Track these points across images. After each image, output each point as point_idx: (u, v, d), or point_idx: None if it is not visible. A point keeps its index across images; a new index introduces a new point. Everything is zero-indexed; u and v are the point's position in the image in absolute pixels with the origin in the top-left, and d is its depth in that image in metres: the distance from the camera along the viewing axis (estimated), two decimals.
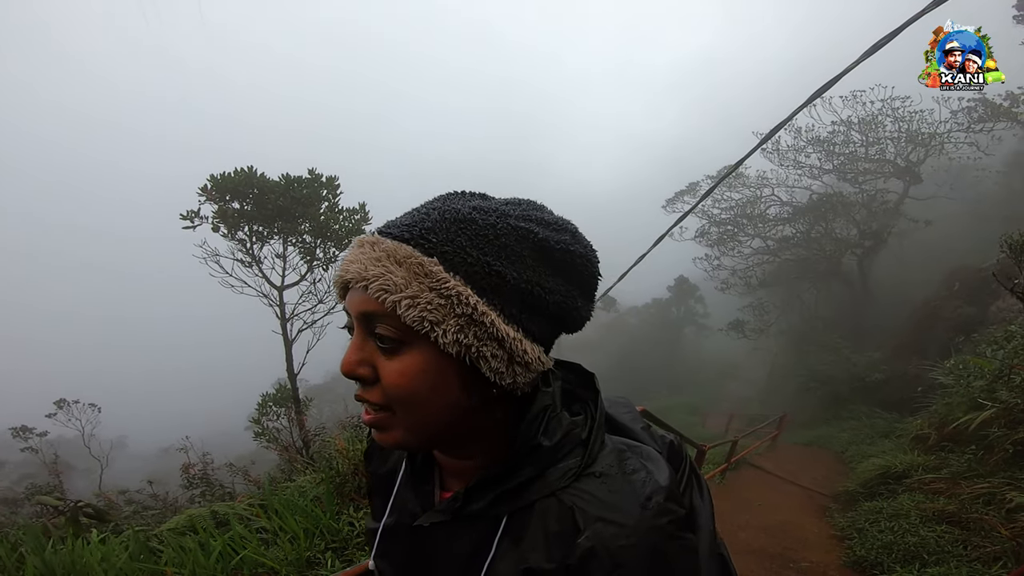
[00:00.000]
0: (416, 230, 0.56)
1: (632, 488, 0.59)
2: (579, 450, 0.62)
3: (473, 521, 0.63)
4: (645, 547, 0.55)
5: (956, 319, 12.91)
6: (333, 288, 0.64)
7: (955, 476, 5.52)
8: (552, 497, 0.59)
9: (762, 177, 28.76)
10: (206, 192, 8.84)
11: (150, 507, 6.99)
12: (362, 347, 0.57)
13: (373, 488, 0.82)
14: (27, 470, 21.51)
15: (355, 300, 0.57)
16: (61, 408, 15.73)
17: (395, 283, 0.53)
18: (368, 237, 0.58)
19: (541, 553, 0.57)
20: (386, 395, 0.57)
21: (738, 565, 2.88)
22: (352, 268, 0.56)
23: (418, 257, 0.54)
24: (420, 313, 0.53)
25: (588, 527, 0.55)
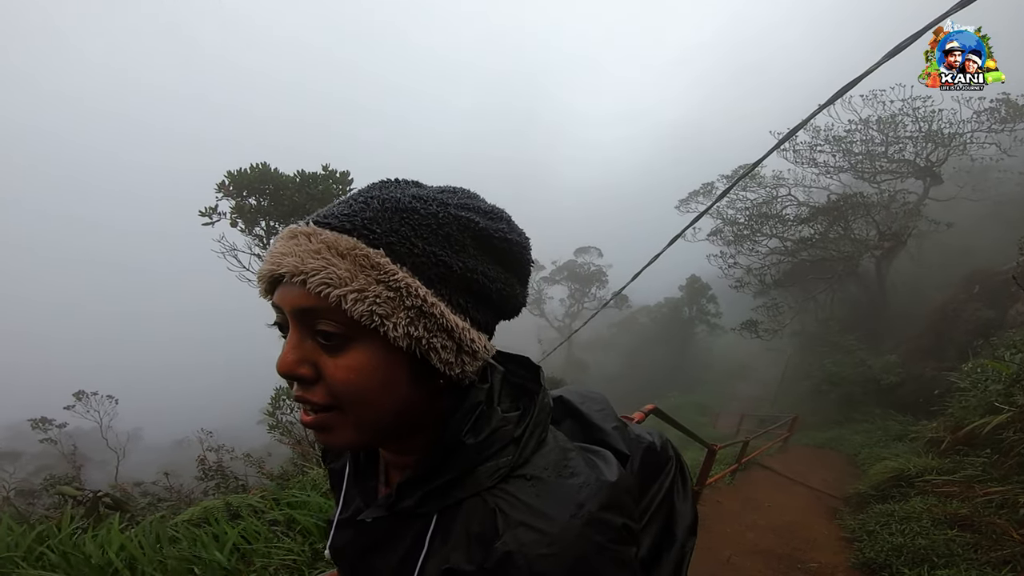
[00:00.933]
0: (357, 220, 0.54)
1: (564, 493, 0.57)
2: (511, 448, 0.60)
3: (410, 519, 0.61)
4: (568, 557, 0.52)
5: (975, 322, 12.72)
6: (257, 283, 0.58)
7: (969, 480, 5.46)
8: (478, 497, 0.58)
9: (778, 177, 28.48)
10: (223, 188, 8.97)
11: (165, 499, 7.10)
12: (300, 345, 0.54)
13: (331, 483, 0.81)
14: (44, 461, 21.89)
15: (290, 295, 0.53)
16: (80, 400, 16.00)
17: (339, 276, 0.51)
18: (302, 228, 0.54)
19: (462, 553, 0.55)
20: (332, 394, 0.54)
21: (745, 565, 2.93)
22: (286, 261, 0.52)
23: (363, 248, 0.52)
24: (368, 307, 0.51)
25: (507, 531, 0.53)
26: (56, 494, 6.63)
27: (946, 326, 14.18)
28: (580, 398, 0.81)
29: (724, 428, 19.49)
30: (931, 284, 22.14)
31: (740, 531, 5.34)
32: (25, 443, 25.67)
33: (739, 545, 4.86)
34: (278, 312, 0.57)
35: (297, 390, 0.56)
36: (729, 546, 4.79)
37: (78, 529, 3.28)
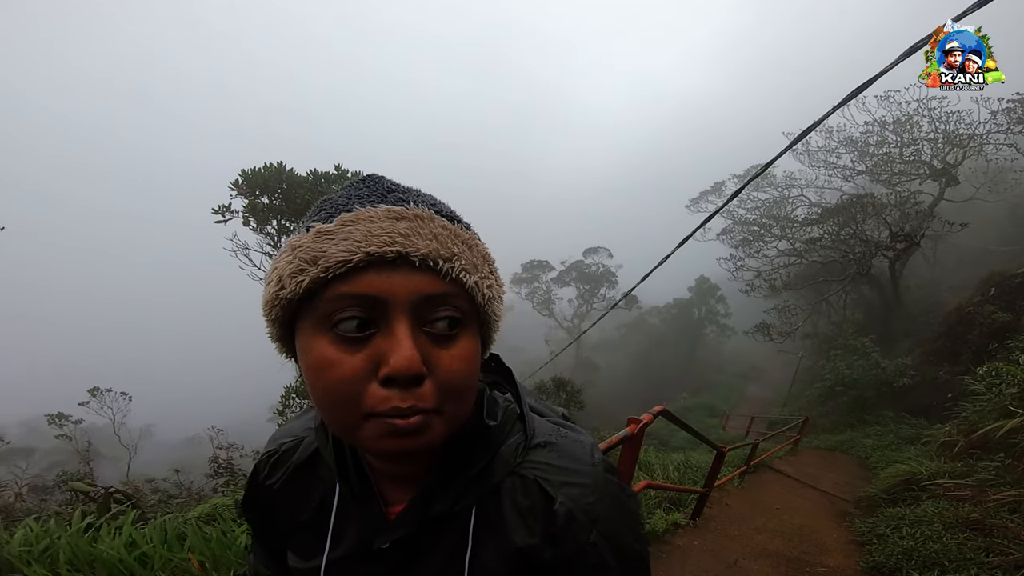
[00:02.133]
0: (453, 213, 0.55)
1: (575, 450, 0.63)
2: (519, 425, 0.64)
3: (439, 525, 0.60)
4: (608, 499, 0.59)
5: (990, 325, 12.54)
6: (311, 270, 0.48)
7: (981, 484, 5.39)
8: (513, 475, 0.60)
9: (790, 178, 28.29)
10: (237, 187, 9.06)
11: (175, 495, 7.17)
12: (417, 340, 0.49)
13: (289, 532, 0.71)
14: (56, 458, 22.20)
15: (410, 281, 0.49)
16: (95, 396, 16.19)
17: (473, 263, 0.52)
18: (413, 210, 0.51)
19: (523, 531, 0.58)
20: (443, 389, 0.51)
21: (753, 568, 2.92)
22: (421, 243, 0.49)
23: (478, 240, 0.55)
24: (493, 292, 0.54)
25: (558, 493, 0.58)
26: (68, 490, 6.71)
27: (961, 329, 13.99)
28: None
29: (734, 430, 19.38)
30: (946, 286, 21.89)
31: (748, 534, 5.30)
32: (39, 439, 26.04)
33: (747, 548, 4.83)
34: (361, 303, 0.49)
35: (406, 398, 0.49)
36: (737, 548, 4.76)
37: (90, 526, 3.31)
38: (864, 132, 24.28)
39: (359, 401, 0.49)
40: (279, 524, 0.71)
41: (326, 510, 0.66)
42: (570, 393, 13.74)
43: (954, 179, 22.79)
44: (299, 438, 0.72)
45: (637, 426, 2.89)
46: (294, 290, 0.49)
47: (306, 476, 0.70)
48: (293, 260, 0.49)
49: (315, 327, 0.50)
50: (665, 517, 4.93)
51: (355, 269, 0.48)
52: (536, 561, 0.57)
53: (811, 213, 25.89)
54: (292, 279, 0.49)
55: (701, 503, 5.45)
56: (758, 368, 33.75)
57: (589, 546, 0.56)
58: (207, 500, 5.19)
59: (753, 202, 29.08)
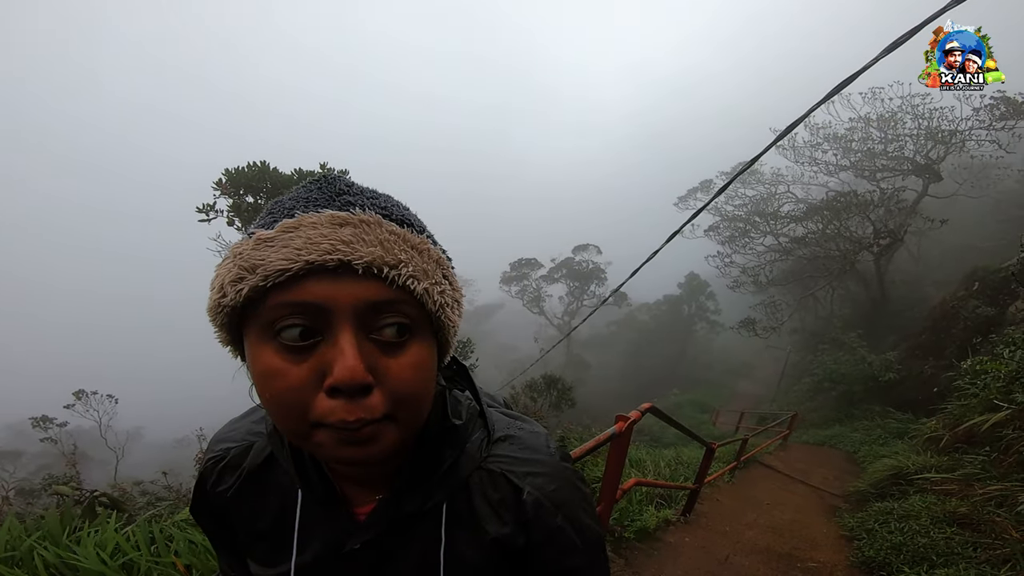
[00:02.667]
0: (407, 217, 0.54)
1: (533, 441, 0.67)
2: (480, 421, 0.68)
3: (408, 524, 0.61)
4: (567, 484, 0.64)
5: (974, 319, 12.71)
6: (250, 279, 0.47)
7: (968, 478, 5.45)
8: (480, 469, 0.64)
9: (777, 174, 28.51)
10: (221, 186, 8.95)
11: (164, 498, 7.09)
12: (363, 348, 0.47)
13: (248, 540, 0.69)
14: (44, 461, 21.90)
15: (354, 288, 0.47)
16: (80, 399, 15.99)
17: (423, 269, 0.50)
18: (358, 215, 0.49)
19: (495, 522, 0.62)
20: (394, 398, 0.49)
21: (744, 564, 2.92)
22: (364, 250, 0.47)
23: (429, 244, 0.53)
24: (444, 299, 0.53)
25: (524, 484, 0.62)
26: (53, 494, 6.62)
27: (946, 323, 14.18)
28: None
29: (724, 426, 19.50)
30: (931, 281, 22.19)
31: (739, 529, 5.33)
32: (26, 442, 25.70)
33: (738, 543, 4.85)
34: (304, 312, 0.47)
35: (353, 410, 0.47)
36: (728, 544, 4.78)
37: (73, 529, 3.26)
38: (849, 128, 24.52)
39: (307, 410, 0.48)
40: (236, 532, 0.70)
41: (288, 516, 0.65)
42: (561, 391, 13.74)
43: (937, 175, 23.06)
44: (247, 443, 0.70)
45: (625, 423, 2.90)
46: (234, 298, 0.48)
47: (261, 482, 0.67)
48: (233, 268, 0.48)
49: (260, 335, 0.49)
50: (656, 514, 4.94)
51: (296, 277, 0.46)
52: (510, 549, 0.61)
53: (797, 209, 26.13)
54: (232, 287, 0.48)
55: (692, 499, 5.47)
56: (748, 364, 34.01)
57: (557, 530, 0.61)
58: None
59: (741, 199, 29.28)
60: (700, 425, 18.90)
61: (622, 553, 4.20)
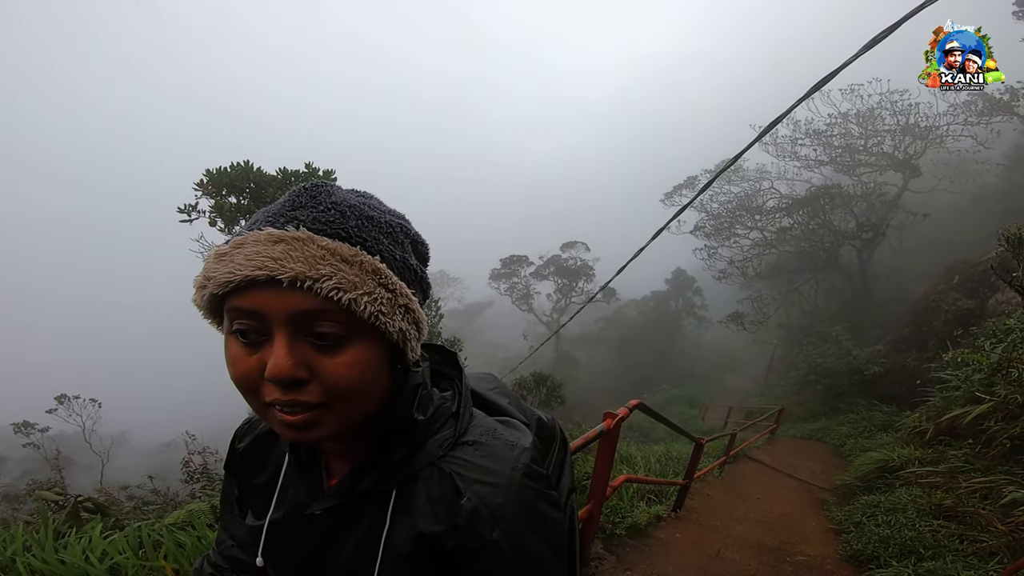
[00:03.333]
0: (347, 228, 0.58)
1: (502, 453, 0.68)
2: (451, 422, 0.70)
3: (364, 500, 0.67)
4: (519, 502, 0.64)
5: (955, 312, 12.91)
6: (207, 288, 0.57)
7: (952, 470, 5.54)
8: (432, 466, 0.66)
9: (761, 170, 28.76)
10: (202, 186, 8.82)
11: (151, 502, 7.01)
12: (295, 348, 0.55)
13: (246, 494, 0.81)
14: (29, 466, 21.56)
15: (286, 299, 0.54)
16: (62, 404, 15.74)
17: (350, 281, 0.55)
18: (292, 232, 0.55)
19: (429, 518, 0.64)
20: (329, 391, 0.57)
21: (735, 559, 2.93)
22: (290, 266, 0.53)
23: (364, 256, 0.57)
24: (377, 307, 0.56)
25: (468, 489, 0.64)
26: (38, 499, 6.52)
27: (927, 316, 14.39)
28: (474, 379, 0.88)
29: (713, 420, 19.65)
30: (912, 275, 22.48)
31: (730, 524, 5.37)
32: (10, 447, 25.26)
33: (729, 538, 4.89)
34: (248, 317, 0.56)
35: (286, 393, 0.56)
36: (719, 539, 4.82)
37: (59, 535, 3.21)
38: (828, 124, 24.82)
39: (259, 393, 0.58)
40: (241, 485, 0.82)
41: (278, 474, 0.76)
42: (550, 388, 13.74)
43: (916, 170, 23.42)
44: None
45: (613, 420, 2.90)
46: (200, 302, 0.59)
47: (268, 442, 0.80)
48: (200, 276, 0.58)
49: (227, 327, 0.58)
50: (647, 510, 4.97)
51: (240, 287, 0.55)
52: (440, 549, 0.63)
53: (781, 204, 26.38)
54: (198, 292, 0.58)
55: (682, 495, 5.51)
56: (735, 359, 34.27)
57: (490, 543, 0.62)
58: (183, 506, 5.08)
59: (725, 195, 29.50)
60: (689, 420, 19.03)
61: (613, 550, 4.21)
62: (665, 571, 3.98)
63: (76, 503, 5.02)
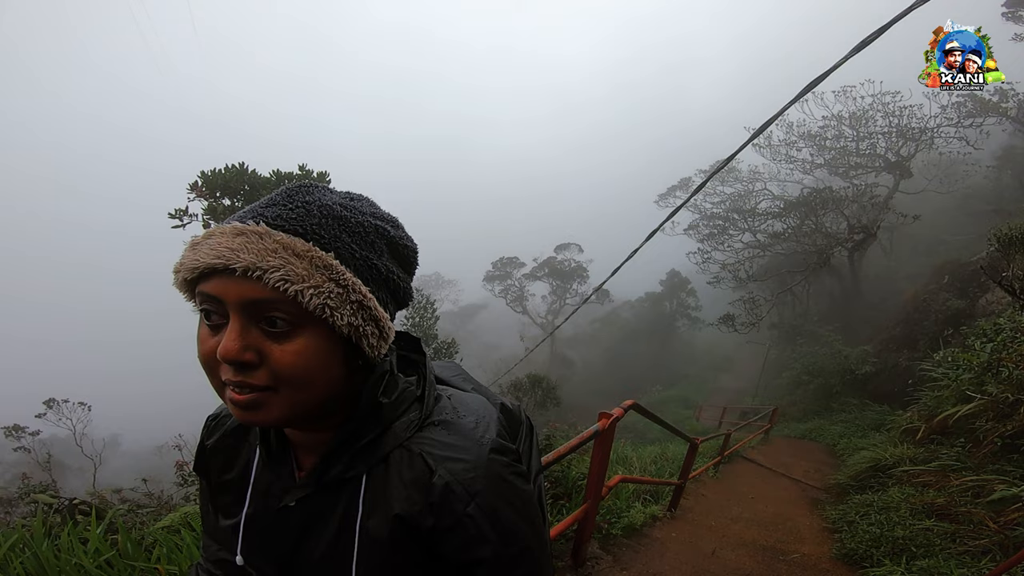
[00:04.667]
0: (305, 225, 0.61)
1: (468, 429, 0.71)
2: (416, 405, 0.73)
3: (336, 488, 0.69)
4: (490, 475, 0.66)
5: (945, 312, 13.04)
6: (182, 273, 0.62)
7: (944, 469, 5.58)
8: (401, 448, 0.69)
9: (754, 172, 28.90)
10: (195, 189, 8.77)
11: (145, 505, 6.95)
12: (244, 333, 0.58)
13: (216, 492, 0.82)
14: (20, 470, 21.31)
15: (238, 287, 0.58)
16: (51, 407, 15.60)
17: (297, 274, 0.58)
18: (251, 227, 0.59)
19: (403, 500, 0.65)
20: (276, 376, 0.59)
21: (730, 558, 2.95)
22: (243, 257, 0.57)
23: (317, 251, 0.60)
24: (323, 300, 0.59)
25: (439, 467, 0.66)
26: (31, 502, 6.47)
27: (918, 316, 14.52)
28: (439, 368, 0.92)
29: (707, 421, 19.72)
30: (903, 275, 22.67)
31: (725, 523, 5.40)
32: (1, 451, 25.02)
33: (724, 538, 4.91)
34: (210, 302, 0.60)
35: (234, 374, 0.59)
36: (714, 539, 4.84)
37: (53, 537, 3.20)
38: (822, 126, 24.97)
39: (216, 372, 0.61)
40: (211, 483, 0.83)
41: (248, 470, 0.77)
42: (545, 390, 13.77)
43: (908, 172, 23.59)
44: None
45: (608, 420, 2.92)
46: (176, 283, 0.63)
47: (237, 438, 0.81)
48: (177, 261, 0.62)
49: (199, 310, 0.62)
50: (643, 510, 4.98)
51: (205, 274, 0.59)
52: (417, 529, 0.65)
53: (774, 206, 26.51)
54: (174, 276, 0.63)
55: (677, 495, 5.53)
56: (729, 359, 34.37)
57: (466, 517, 0.64)
58: (177, 508, 5.05)
59: (719, 196, 29.64)
60: (684, 421, 19.09)
61: (610, 549, 4.22)
62: (661, 570, 4.00)
63: (71, 506, 4.99)
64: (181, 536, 3.18)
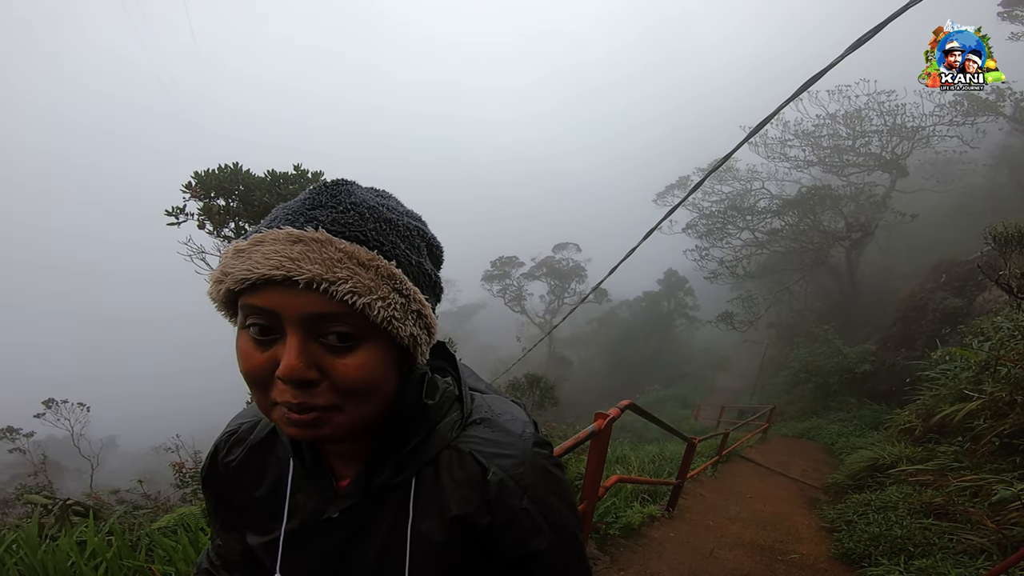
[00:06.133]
0: (365, 232, 0.58)
1: (510, 426, 0.71)
2: (457, 405, 0.72)
3: (383, 496, 0.68)
4: (537, 467, 0.67)
5: (943, 311, 13.06)
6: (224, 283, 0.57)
7: (942, 468, 5.58)
8: (449, 448, 0.68)
9: (752, 171, 28.93)
10: (190, 189, 8.74)
11: (141, 506, 6.93)
12: (307, 349, 0.55)
13: (243, 509, 0.78)
14: (18, 470, 21.28)
15: (300, 300, 0.54)
16: (50, 408, 15.54)
17: (366, 286, 0.55)
18: (311, 233, 0.55)
19: (460, 500, 0.65)
20: (341, 392, 0.57)
21: (728, 558, 2.94)
22: (307, 267, 0.53)
23: (381, 261, 0.57)
24: (390, 313, 0.57)
25: (491, 464, 0.66)
26: (26, 503, 6.44)
27: (915, 315, 14.54)
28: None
29: (705, 420, 19.72)
30: (900, 274, 22.70)
31: (723, 523, 5.39)
32: None
33: (722, 537, 4.91)
34: (263, 315, 0.56)
35: (295, 395, 0.56)
36: (712, 539, 4.84)
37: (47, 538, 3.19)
38: (817, 125, 24.99)
39: (268, 389, 0.58)
40: (235, 500, 0.79)
41: (282, 486, 0.74)
42: (543, 389, 13.73)
43: (904, 171, 23.64)
44: (256, 419, 0.80)
45: (604, 421, 2.91)
46: (216, 296, 0.59)
47: (263, 454, 0.77)
48: (218, 270, 0.58)
49: (240, 322, 0.59)
50: (641, 510, 4.98)
51: (256, 285, 0.55)
52: (474, 528, 0.65)
53: (772, 205, 26.54)
54: (215, 286, 0.58)
55: (675, 495, 5.53)
56: (727, 358, 34.43)
57: (522, 511, 0.65)
58: (174, 510, 5.04)
59: (717, 195, 29.65)
60: (681, 420, 19.09)
61: (607, 550, 4.21)
62: (659, 571, 3.99)
63: (65, 506, 4.98)
64: (177, 537, 3.18)
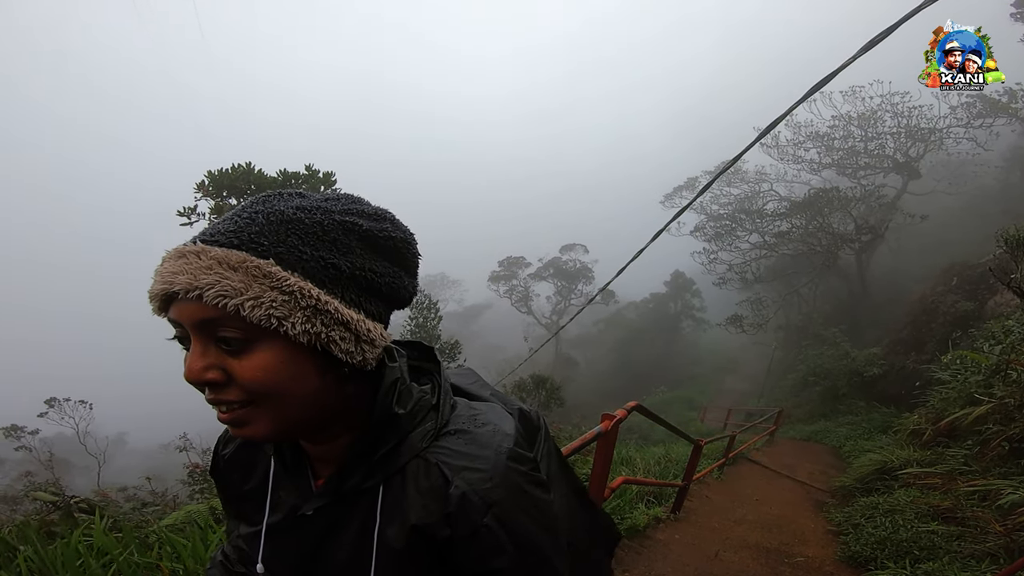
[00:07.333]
0: (243, 236, 0.58)
1: (486, 438, 0.69)
2: (432, 414, 0.71)
3: (354, 498, 0.68)
4: (508, 484, 0.65)
5: (953, 314, 12.94)
6: (149, 303, 0.61)
7: (950, 472, 5.53)
8: (418, 458, 0.67)
9: (761, 172, 28.80)
10: (202, 188, 8.83)
11: (150, 503, 7.00)
12: (204, 354, 0.58)
13: (237, 500, 0.83)
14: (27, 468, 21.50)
15: (187, 310, 0.57)
16: (52, 406, 15.70)
17: (234, 287, 0.55)
18: (190, 247, 0.58)
19: (420, 509, 0.65)
20: (247, 391, 0.59)
21: (734, 560, 2.93)
22: (179, 279, 0.55)
23: (253, 260, 0.57)
24: (266, 311, 0.56)
25: (455, 477, 0.64)
26: (34, 500, 6.51)
27: (925, 318, 14.41)
28: (456, 375, 0.91)
29: (712, 422, 19.63)
30: (910, 277, 22.48)
31: (729, 525, 5.37)
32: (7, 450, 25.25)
33: (728, 540, 4.89)
34: (176, 327, 0.60)
35: (210, 394, 0.60)
36: (718, 541, 4.82)
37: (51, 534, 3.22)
38: (830, 127, 24.84)
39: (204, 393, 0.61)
40: (229, 492, 0.84)
41: (267, 481, 0.77)
42: (549, 390, 13.75)
43: (916, 172, 23.45)
44: None
45: (611, 422, 2.90)
46: (155, 311, 0.62)
47: (253, 449, 0.81)
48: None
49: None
50: (646, 512, 4.97)
51: (165, 299, 0.58)
52: (434, 539, 0.64)
53: (781, 207, 26.40)
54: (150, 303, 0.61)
55: (681, 496, 5.50)
56: (734, 361, 34.26)
57: (483, 528, 0.63)
58: (182, 507, 5.07)
59: (726, 197, 29.56)
60: (688, 422, 19.02)
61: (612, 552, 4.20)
62: (664, 572, 3.98)
63: (71, 503, 5.02)
64: (186, 534, 3.20)
